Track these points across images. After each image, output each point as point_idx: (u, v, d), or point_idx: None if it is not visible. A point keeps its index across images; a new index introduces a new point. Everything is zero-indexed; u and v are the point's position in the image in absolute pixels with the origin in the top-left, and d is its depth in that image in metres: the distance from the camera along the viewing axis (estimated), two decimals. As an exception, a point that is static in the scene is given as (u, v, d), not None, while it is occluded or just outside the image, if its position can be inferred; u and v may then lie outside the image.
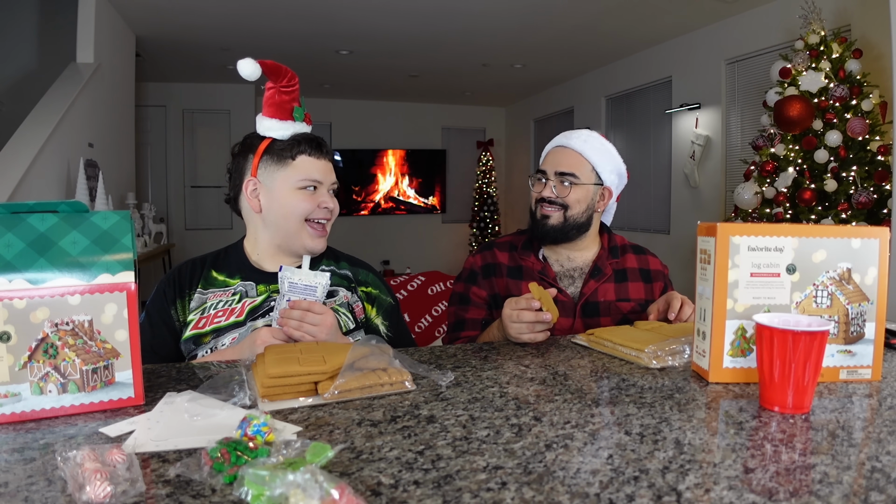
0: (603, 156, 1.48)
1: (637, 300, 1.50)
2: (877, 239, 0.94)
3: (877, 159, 3.17)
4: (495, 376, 0.98)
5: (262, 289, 1.28)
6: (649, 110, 5.78)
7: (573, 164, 1.46)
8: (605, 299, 1.47)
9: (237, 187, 1.32)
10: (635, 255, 1.56)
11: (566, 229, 1.46)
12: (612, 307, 1.47)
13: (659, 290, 1.54)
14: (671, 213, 5.44)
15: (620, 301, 1.48)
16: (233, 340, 1.21)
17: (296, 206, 1.26)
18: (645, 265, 1.56)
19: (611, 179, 1.50)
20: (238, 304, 1.26)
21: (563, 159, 1.47)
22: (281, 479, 0.52)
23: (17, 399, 0.77)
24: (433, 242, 8.79)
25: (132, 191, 4.72)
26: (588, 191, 1.47)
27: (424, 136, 8.65)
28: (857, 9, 3.61)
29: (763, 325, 0.81)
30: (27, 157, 3.08)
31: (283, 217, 1.27)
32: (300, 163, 1.27)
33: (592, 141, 1.49)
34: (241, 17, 4.64)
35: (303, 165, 1.27)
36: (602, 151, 1.49)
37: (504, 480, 0.60)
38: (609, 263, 1.51)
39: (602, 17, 4.69)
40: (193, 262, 1.34)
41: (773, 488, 0.59)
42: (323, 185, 1.30)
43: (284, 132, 1.27)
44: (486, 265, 1.53)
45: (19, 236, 0.79)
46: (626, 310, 1.48)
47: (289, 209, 1.26)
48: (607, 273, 1.49)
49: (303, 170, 1.27)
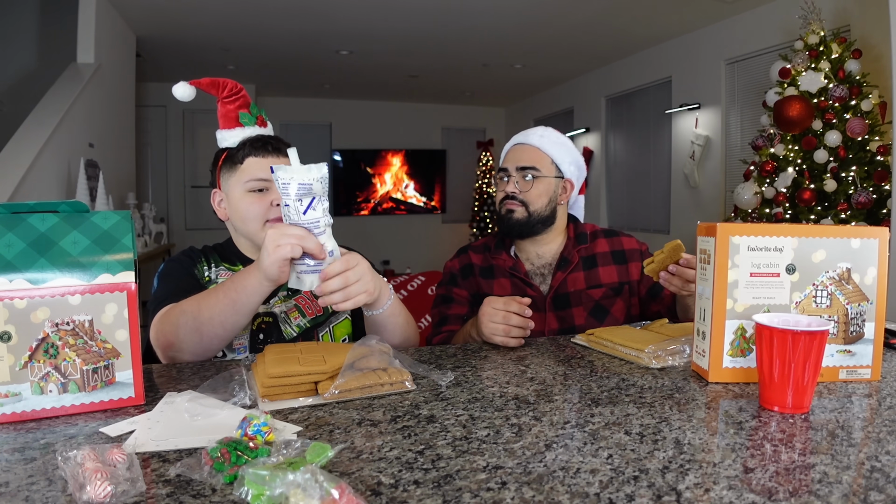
0: (560, 149, 1.52)
1: (609, 284, 1.50)
2: (876, 239, 0.95)
3: (876, 159, 3.17)
4: (495, 376, 0.98)
5: None
6: (649, 110, 5.78)
7: (533, 159, 1.50)
8: (575, 289, 1.48)
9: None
10: (606, 239, 1.56)
11: (531, 223, 1.49)
12: (584, 296, 1.48)
13: (637, 270, 1.53)
14: (671, 213, 5.44)
15: (591, 288, 1.49)
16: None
17: (247, 210, 1.26)
18: (618, 246, 1.55)
19: (570, 171, 1.53)
20: None
21: (523, 155, 1.51)
22: (281, 479, 0.52)
23: (18, 399, 0.77)
24: (433, 242, 8.78)
25: (132, 191, 4.72)
26: (550, 184, 1.50)
27: (424, 136, 8.65)
28: (856, 9, 3.61)
29: (763, 324, 0.82)
30: (28, 158, 3.08)
31: (242, 221, 1.28)
32: (247, 165, 1.27)
33: (549, 135, 1.53)
34: (241, 17, 4.64)
35: (248, 167, 1.27)
36: (559, 145, 1.52)
37: (504, 480, 0.60)
38: (576, 251, 1.52)
39: (602, 17, 4.69)
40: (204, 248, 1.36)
41: (773, 488, 0.59)
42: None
43: (235, 139, 1.30)
44: (462, 267, 1.58)
45: (20, 236, 0.79)
46: (597, 297, 1.49)
47: (242, 213, 1.27)
48: (574, 261, 1.50)
49: (248, 171, 1.27)
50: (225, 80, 1.29)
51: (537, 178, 1.48)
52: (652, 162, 5.75)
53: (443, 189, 8.74)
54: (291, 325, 1.27)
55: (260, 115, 1.33)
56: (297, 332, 1.27)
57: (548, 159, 1.50)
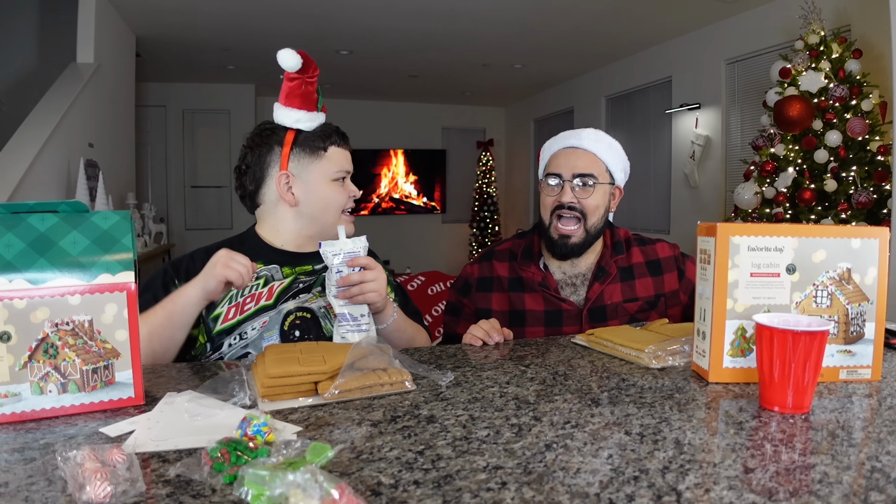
0: (614, 154, 1.42)
1: (645, 298, 1.44)
2: (877, 239, 0.94)
3: (877, 159, 3.17)
4: (495, 376, 0.98)
5: (287, 271, 1.26)
6: (649, 110, 5.78)
7: (589, 165, 1.39)
8: (612, 301, 1.41)
9: (258, 180, 1.28)
10: (640, 248, 1.49)
11: (588, 242, 1.40)
12: (620, 309, 1.41)
13: (674, 280, 1.46)
14: (671, 213, 5.44)
15: (627, 302, 1.42)
16: (263, 324, 1.19)
17: (334, 199, 1.28)
18: (652, 255, 1.47)
19: (620, 178, 1.45)
20: (264, 289, 1.23)
21: (578, 161, 1.39)
22: (281, 479, 0.52)
23: (18, 399, 0.77)
24: (433, 242, 8.79)
25: (132, 191, 4.72)
26: (605, 192, 1.41)
27: (424, 136, 8.65)
28: (856, 9, 3.61)
29: (763, 325, 0.81)
30: (27, 157, 3.08)
31: (323, 210, 1.28)
32: (332, 154, 1.28)
33: (603, 139, 1.43)
34: (241, 17, 4.64)
35: (335, 157, 1.28)
36: (613, 150, 1.43)
37: (504, 480, 0.60)
38: (613, 262, 1.44)
39: (602, 17, 4.69)
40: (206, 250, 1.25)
41: (773, 488, 0.59)
42: (349, 174, 1.33)
43: (312, 123, 1.27)
44: (482, 278, 1.48)
45: (19, 236, 0.79)
46: (632, 310, 1.42)
47: (328, 201, 1.27)
48: (612, 273, 1.43)
49: (336, 161, 1.28)
50: (312, 59, 1.26)
51: (595, 187, 1.38)
52: (652, 162, 5.75)
53: (443, 189, 8.74)
54: (332, 322, 1.22)
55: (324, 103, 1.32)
56: None
57: (602, 165, 1.40)
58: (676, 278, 1.47)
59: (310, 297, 1.25)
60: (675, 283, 1.46)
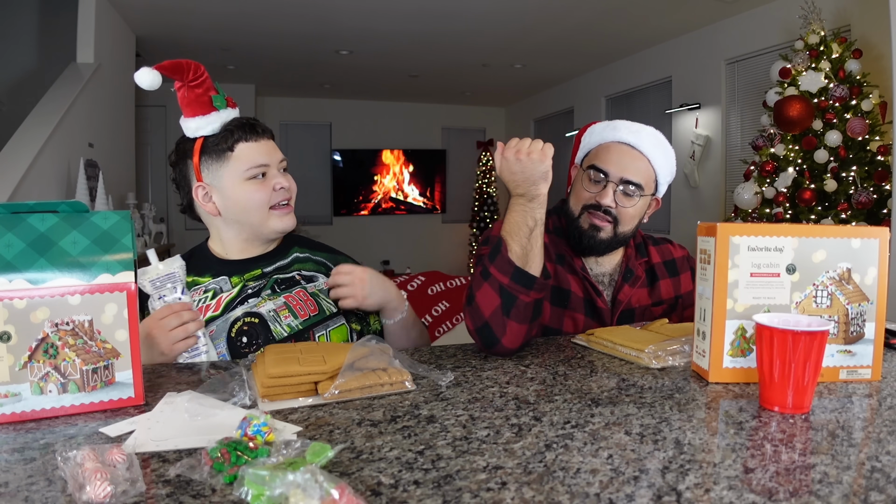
0: (668, 164, 1.32)
1: (668, 300, 1.39)
2: (877, 239, 0.94)
3: (877, 159, 3.17)
4: (495, 376, 0.98)
5: (235, 280, 1.24)
6: (649, 110, 5.78)
7: (642, 172, 1.28)
8: (640, 305, 1.36)
9: (188, 196, 1.26)
10: (655, 248, 1.43)
11: (614, 243, 1.33)
12: (647, 313, 1.36)
13: (688, 281, 1.41)
14: (671, 213, 5.44)
15: (655, 305, 1.37)
16: (211, 333, 1.17)
17: (251, 199, 1.20)
18: (668, 256, 1.43)
19: (662, 190, 1.35)
20: (213, 300, 1.21)
21: (632, 164, 1.28)
22: (281, 479, 0.52)
23: (18, 399, 0.77)
24: (433, 242, 8.78)
25: (132, 191, 4.72)
26: (645, 203, 1.32)
27: (424, 136, 8.65)
28: (856, 9, 3.61)
29: (763, 325, 0.81)
30: (27, 157, 3.08)
31: (244, 212, 1.21)
32: (240, 151, 1.20)
33: (661, 145, 1.31)
34: (241, 17, 4.64)
35: (244, 154, 1.20)
36: (667, 159, 1.31)
37: (504, 480, 0.60)
38: (639, 264, 1.38)
39: (602, 17, 4.69)
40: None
41: (773, 488, 0.59)
42: (271, 166, 1.23)
43: (213, 125, 1.21)
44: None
45: (19, 236, 0.79)
46: (657, 314, 1.38)
47: (245, 203, 1.20)
48: (640, 275, 1.37)
49: (246, 158, 1.20)
50: (188, 62, 1.18)
51: (640, 197, 1.28)
52: (652, 162, 5.75)
53: (443, 189, 8.74)
54: (282, 325, 1.20)
55: (229, 96, 1.25)
56: (289, 332, 1.19)
57: (653, 175, 1.30)
58: (690, 278, 1.44)
59: (258, 300, 1.22)
60: (690, 283, 1.43)
